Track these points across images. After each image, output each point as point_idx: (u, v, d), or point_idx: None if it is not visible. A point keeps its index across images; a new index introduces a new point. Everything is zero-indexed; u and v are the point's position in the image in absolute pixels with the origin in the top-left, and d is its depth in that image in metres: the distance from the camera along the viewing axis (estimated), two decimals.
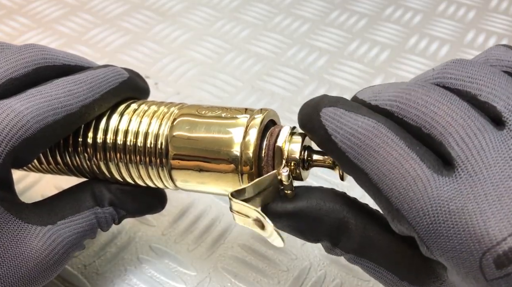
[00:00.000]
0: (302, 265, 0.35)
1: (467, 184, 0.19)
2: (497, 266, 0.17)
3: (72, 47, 0.55)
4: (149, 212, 0.31)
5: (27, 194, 0.39)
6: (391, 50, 0.56)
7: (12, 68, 0.26)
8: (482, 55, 0.24)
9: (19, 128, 0.24)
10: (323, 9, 0.63)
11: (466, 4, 0.64)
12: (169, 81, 0.51)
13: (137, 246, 0.36)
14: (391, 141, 0.21)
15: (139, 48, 0.55)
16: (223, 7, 0.63)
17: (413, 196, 0.19)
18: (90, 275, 0.34)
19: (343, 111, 0.23)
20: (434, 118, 0.21)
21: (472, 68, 0.22)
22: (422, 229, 0.19)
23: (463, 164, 0.19)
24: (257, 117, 0.26)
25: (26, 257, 0.25)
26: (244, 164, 0.25)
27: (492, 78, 0.21)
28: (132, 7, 0.62)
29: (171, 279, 0.34)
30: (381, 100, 0.23)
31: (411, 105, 0.21)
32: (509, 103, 0.20)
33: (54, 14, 0.60)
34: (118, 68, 0.30)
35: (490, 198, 0.18)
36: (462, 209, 0.18)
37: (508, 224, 0.17)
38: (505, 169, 0.18)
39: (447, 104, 0.21)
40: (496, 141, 0.19)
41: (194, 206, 0.39)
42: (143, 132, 0.28)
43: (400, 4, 0.64)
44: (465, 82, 0.21)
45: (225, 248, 0.36)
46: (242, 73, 0.52)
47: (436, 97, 0.21)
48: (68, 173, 0.31)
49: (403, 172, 0.20)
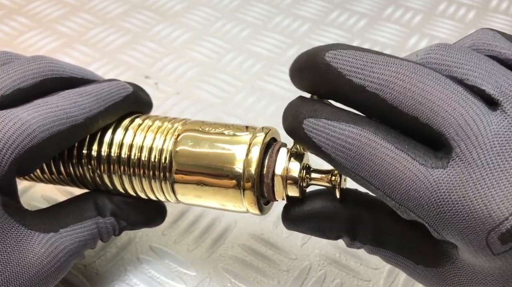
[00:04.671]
0: (302, 265, 0.35)
1: (466, 172, 0.19)
2: (502, 242, 0.19)
3: (72, 47, 0.55)
4: (149, 224, 0.32)
5: (27, 194, 0.39)
6: (391, 50, 0.56)
7: (20, 79, 0.27)
8: (468, 39, 0.23)
9: (25, 137, 0.25)
10: (323, 9, 0.63)
11: (466, 4, 0.64)
12: (169, 81, 0.51)
13: (137, 246, 0.36)
14: (380, 147, 0.21)
15: (139, 48, 0.55)
16: (223, 7, 0.63)
17: (415, 194, 0.20)
18: (90, 275, 0.34)
19: (326, 122, 0.23)
20: (432, 108, 0.20)
21: (457, 53, 0.22)
22: (430, 219, 0.21)
23: (462, 154, 0.20)
24: (259, 135, 0.27)
25: (28, 263, 0.25)
26: (246, 181, 0.26)
27: (477, 62, 0.21)
28: (132, 7, 0.62)
29: (171, 279, 0.34)
30: (369, 79, 0.22)
31: (406, 94, 0.21)
32: (497, 85, 0.20)
33: (54, 14, 0.60)
34: (123, 83, 0.31)
35: (489, 182, 0.19)
36: (464, 197, 0.19)
37: (509, 205, 0.19)
38: (501, 152, 0.19)
39: (443, 91, 0.20)
40: (492, 124, 0.20)
41: (194, 206, 0.39)
42: (147, 147, 0.28)
43: (400, 4, 0.64)
44: (450, 67, 0.21)
45: (225, 248, 0.36)
46: (242, 73, 0.52)
47: (432, 84, 0.21)
48: (71, 183, 0.31)
49: (400, 175, 0.21)
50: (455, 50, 0.22)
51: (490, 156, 0.19)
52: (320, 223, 0.26)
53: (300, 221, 0.27)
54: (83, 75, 0.30)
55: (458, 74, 0.21)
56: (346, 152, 0.22)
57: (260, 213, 0.28)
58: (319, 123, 0.23)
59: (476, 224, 0.19)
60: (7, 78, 0.26)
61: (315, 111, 0.23)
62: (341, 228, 0.26)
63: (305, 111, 0.24)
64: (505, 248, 0.19)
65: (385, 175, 0.21)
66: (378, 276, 0.34)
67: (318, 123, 0.23)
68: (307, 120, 0.23)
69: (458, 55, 0.22)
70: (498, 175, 0.19)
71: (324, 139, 0.22)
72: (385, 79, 0.21)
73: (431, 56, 0.22)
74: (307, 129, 0.23)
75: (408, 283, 0.34)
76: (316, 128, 0.23)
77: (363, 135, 0.22)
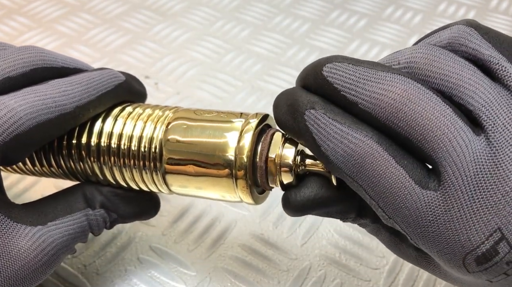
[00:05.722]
0: (302, 265, 0.35)
1: (452, 198, 0.20)
2: (477, 263, 0.20)
3: (72, 47, 0.55)
4: (141, 217, 0.31)
5: (26, 194, 0.39)
6: (391, 50, 0.56)
7: (10, 67, 0.26)
8: (445, 35, 0.23)
9: (11, 124, 0.24)
10: (323, 9, 0.63)
11: (466, 4, 0.64)
12: (169, 81, 0.51)
13: (137, 246, 0.36)
14: (383, 160, 0.21)
15: (139, 48, 0.55)
16: (223, 7, 0.63)
17: (406, 212, 0.21)
18: (90, 275, 0.34)
19: (329, 120, 0.22)
20: (423, 132, 0.21)
21: (441, 62, 0.22)
22: (413, 235, 0.22)
23: (450, 180, 0.20)
24: (252, 121, 0.26)
25: (13, 256, 0.24)
26: (238, 169, 0.25)
27: (462, 74, 0.21)
28: (132, 7, 0.62)
29: (171, 279, 0.34)
30: (361, 97, 0.22)
31: (397, 115, 0.21)
32: (484, 105, 0.21)
33: (54, 14, 0.60)
34: (115, 71, 0.30)
35: (471, 209, 0.20)
36: (449, 221, 0.21)
37: (486, 230, 0.20)
38: (482, 182, 0.20)
39: (434, 113, 0.21)
40: (477, 152, 0.20)
41: (194, 206, 0.39)
42: (137, 136, 0.28)
43: (400, 4, 0.64)
44: (436, 79, 0.22)
45: (225, 248, 0.36)
46: (242, 73, 0.52)
47: (422, 105, 0.21)
48: (61, 175, 0.31)
49: (396, 191, 0.21)
50: (438, 57, 0.22)
51: (474, 184, 0.20)
52: (320, 208, 0.26)
53: (301, 208, 0.26)
54: (76, 65, 0.30)
55: (445, 88, 0.21)
56: (348, 157, 0.22)
57: (253, 202, 0.27)
58: (322, 120, 0.22)
59: (456, 246, 0.21)
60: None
61: (319, 105, 0.23)
62: (340, 211, 0.26)
63: (307, 102, 0.23)
64: (480, 268, 0.20)
65: (382, 188, 0.21)
66: (378, 276, 0.34)
67: (321, 119, 0.22)
68: (310, 112, 0.23)
69: (442, 64, 0.22)
70: (479, 203, 0.20)
71: (325, 138, 0.22)
72: (376, 97, 0.22)
73: (414, 65, 0.22)
74: (309, 121, 0.23)
75: (408, 283, 0.34)
76: (318, 124, 0.22)
77: (367, 143, 0.22)
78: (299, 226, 0.38)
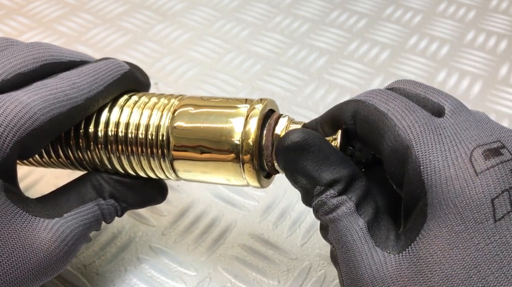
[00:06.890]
0: (302, 265, 0.35)
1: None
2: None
3: (72, 47, 0.55)
4: (150, 203, 0.32)
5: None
6: (391, 50, 0.56)
7: (21, 64, 0.27)
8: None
9: (27, 120, 0.25)
10: (323, 9, 0.63)
11: (466, 4, 0.64)
12: (169, 81, 0.51)
13: (137, 246, 0.36)
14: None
15: (139, 48, 0.55)
16: (223, 7, 0.63)
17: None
18: (90, 275, 0.34)
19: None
20: None
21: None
22: None
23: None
24: (257, 107, 0.27)
25: (36, 248, 0.25)
26: (245, 153, 0.26)
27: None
28: (132, 7, 0.62)
29: (171, 279, 0.34)
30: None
31: None
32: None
33: (54, 14, 0.60)
34: (119, 61, 0.30)
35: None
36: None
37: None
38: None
39: None
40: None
41: (194, 206, 0.39)
42: (144, 124, 0.28)
43: (400, 4, 0.64)
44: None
45: (225, 248, 0.36)
46: (242, 73, 0.52)
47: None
48: (69, 165, 0.31)
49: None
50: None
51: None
52: (314, 151, 0.24)
53: (295, 145, 0.25)
54: (81, 58, 0.30)
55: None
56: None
57: (260, 185, 0.28)
58: None
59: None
60: (7, 63, 0.26)
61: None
62: (332, 171, 0.24)
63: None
64: None
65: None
66: None
67: None
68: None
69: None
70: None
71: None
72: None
73: None
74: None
75: None
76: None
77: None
78: (299, 226, 0.38)
